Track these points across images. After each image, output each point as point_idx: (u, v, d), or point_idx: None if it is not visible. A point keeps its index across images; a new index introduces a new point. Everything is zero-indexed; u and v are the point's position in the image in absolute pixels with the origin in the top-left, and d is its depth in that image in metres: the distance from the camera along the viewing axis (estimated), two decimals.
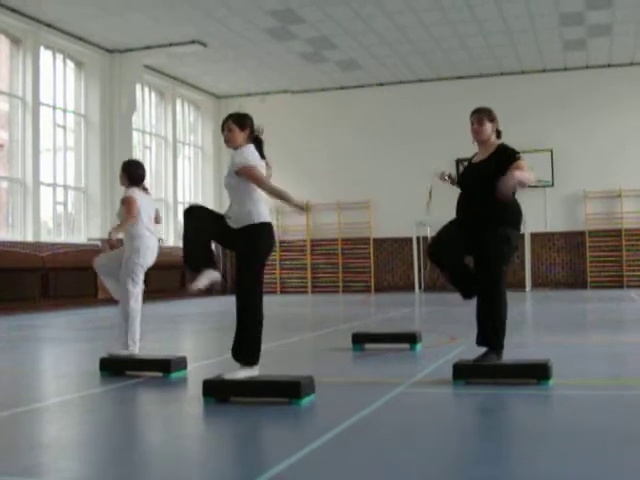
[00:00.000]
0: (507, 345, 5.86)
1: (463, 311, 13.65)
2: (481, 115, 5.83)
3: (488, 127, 5.79)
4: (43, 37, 16.92)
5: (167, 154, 21.74)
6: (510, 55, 19.88)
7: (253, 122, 5.54)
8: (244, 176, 5.29)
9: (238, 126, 5.46)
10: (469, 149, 6.19)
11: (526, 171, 5.45)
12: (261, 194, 5.35)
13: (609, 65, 20.82)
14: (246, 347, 5.21)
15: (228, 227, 5.33)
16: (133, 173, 7.03)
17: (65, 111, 18.18)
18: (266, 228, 5.29)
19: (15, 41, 16.66)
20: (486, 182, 5.53)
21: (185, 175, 23.07)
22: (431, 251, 5.80)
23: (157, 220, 7.18)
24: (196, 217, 5.37)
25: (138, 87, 19.84)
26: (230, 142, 5.47)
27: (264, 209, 5.34)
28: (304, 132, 22.60)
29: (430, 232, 21.29)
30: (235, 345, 5.23)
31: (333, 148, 22.57)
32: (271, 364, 6.14)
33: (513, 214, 5.67)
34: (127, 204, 6.81)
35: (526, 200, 7.81)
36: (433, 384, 5.70)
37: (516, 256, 5.95)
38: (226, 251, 23.38)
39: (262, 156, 5.49)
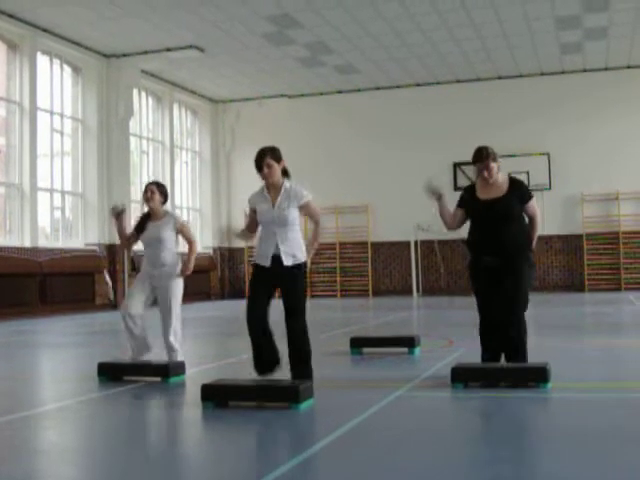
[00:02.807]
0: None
1: (461, 315, 13.66)
2: (488, 162, 5.96)
3: (494, 167, 5.98)
4: (40, 42, 16.91)
5: (164, 159, 21.73)
6: (507, 58, 19.91)
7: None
8: (307, 210, 5.80)
9: (276, 160, 5.71)
10: (466, 153, 6.20)
11: (536, 210, 6.05)
12: None
13: (606, 68, 20.86)
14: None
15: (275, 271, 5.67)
16: (166, 193, 7.31)
17: (62, 116, 18.17)
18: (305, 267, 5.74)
19: (12, 46, 16.66)
20: (513, 215, 5.96)
21: (182, 180, 23.07)
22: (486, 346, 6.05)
23: None
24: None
25: (135, 92, 19.85)
26: (271, 177, 5.69)
27: None
28: (302, 136, 22.59)
29: (429, 236, 21.29)
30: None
31: (331, 152, 22.58)
32: None
33: (530, 240, 6.07)
34: (189, 231, 7.30)
35: None
36: (432, 387, 5.70)
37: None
38: (224, 255, 23.35)
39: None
